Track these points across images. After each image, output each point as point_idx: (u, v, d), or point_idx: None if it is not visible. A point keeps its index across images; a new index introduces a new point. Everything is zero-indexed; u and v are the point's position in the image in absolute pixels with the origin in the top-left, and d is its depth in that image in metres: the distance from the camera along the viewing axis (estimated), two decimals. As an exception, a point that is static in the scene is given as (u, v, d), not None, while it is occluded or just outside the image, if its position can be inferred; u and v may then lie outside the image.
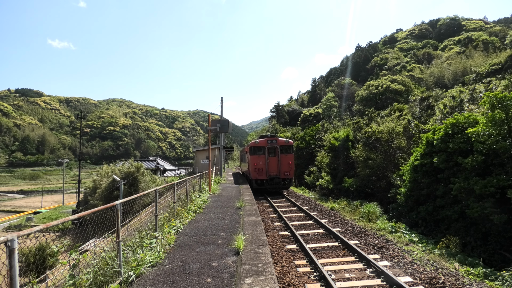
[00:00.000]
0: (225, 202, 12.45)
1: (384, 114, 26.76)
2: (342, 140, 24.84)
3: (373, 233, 10.10)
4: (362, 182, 19.96)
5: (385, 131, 19.26)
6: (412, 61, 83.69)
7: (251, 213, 9.56)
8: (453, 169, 11.95)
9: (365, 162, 19.77)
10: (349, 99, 72.50)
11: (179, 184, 10.94)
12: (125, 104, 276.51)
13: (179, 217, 8.48)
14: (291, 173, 20.91)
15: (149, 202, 16.60)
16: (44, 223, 3.23)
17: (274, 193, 21.64)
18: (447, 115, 16.68)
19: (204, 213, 9.86)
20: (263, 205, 16.40)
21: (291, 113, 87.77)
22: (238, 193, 15.85)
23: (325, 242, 9.15)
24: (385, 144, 19.15)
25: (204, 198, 12.35)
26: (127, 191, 23.51)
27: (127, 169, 26.53)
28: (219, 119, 17.56)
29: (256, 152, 20.89)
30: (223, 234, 7.04)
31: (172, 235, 6.78)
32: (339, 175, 23.44)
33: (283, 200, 18.22)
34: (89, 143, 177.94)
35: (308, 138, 36.37)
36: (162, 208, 9.10)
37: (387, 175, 18.21)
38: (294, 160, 33.97)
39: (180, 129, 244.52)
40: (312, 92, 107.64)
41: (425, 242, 9.97)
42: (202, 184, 15.73)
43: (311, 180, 28.92)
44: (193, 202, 10.97)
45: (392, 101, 44.02)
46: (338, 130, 31.96)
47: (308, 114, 71.76)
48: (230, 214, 9.57)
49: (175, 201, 8.89)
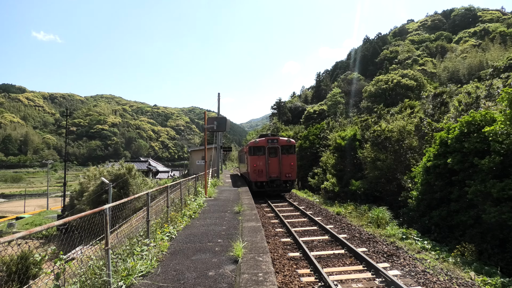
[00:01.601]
0: (223, 206, 12.44)
1: (394, 111, 26.75)
2: (348, 140, 24.84)
3: (383, 240, 10.10)
4: (371, 184, 19.96)
5: (395, 130, 19.26)
6: (424, 54, 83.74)
7: (251, 218, 9.55)
8: (469, 170, 11.95)
9: (374, 163, 19.77)
10: (356, 95, 72.52)
11: (172, 187, 10.92)
12: (114, 101, 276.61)
13: (173, 223, 8.47)
14: (293, 175, 20.95)
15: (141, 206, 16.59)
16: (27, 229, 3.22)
17: (275, 196, 21.65)
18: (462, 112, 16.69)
19: (200, 218, 9.85)
20: (264, 209, 16.40)
21: (293, 110, 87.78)
22: (237, 196, 15.84)
23: (331, 249, 9.15)
24: (395, 144, 19.15)
25: (200, 202, 12.35)
26: (116, 195, 23.48)
27: (116, 171, 26.52)
28: (216, 117, 17.55)
29: (256, 152, 20.93)
30: (221, 241, 7.03)
31: (165, 242, 6.77)
32: (346, 177, 23.44)
33: (285, 204, 18.22)
34: (76, 143, 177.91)
35: (312, 137, 36.38)
36: (155, 213, 9.09)
37: (397, 177, 18.21)
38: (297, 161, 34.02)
39: (173, 128, 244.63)
40: (317, 88, 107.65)
41: (438, 249, 9.97)
42: (197, 187, 15.72)
43: (315, 182, 28.91)
44: (188, 207, 10.96)
45: (403, 97, 44.03)
46: (345, 128, 31.96)
47: (312, 111, 71.79)
48: (228, 219, 9.57)
49: (169, 205, 8.88)
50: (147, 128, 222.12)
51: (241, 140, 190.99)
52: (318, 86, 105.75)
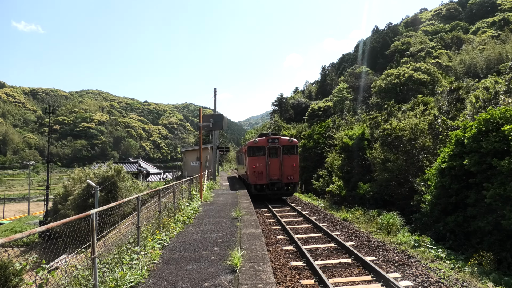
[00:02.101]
0: (219, 211, 12.45)
1: (406, 108, 26.77)
2: (356, 139, 24.86)
3: (393, 248, 10.11)
4: (380, 188, 19.98)
5: (407, 128, 19.27)
6: (438, 46, 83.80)
7: (250, 224, 9.56)
8: (487, 172, 11.96)
9: (384, 165, 19.79)
10: (365, 90, 72.55)
11: (165, 190, 10.93)
12: (101, 97, 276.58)
13: (165, 229, 8.48)
14: (295, 177, 21.06)
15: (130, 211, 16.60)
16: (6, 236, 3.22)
17: (276, 200, 21.72)
18: (480, 109, 16.70)
19: (195, 224, 9.86)
20: (264, 214, 16.42)
21: (296, 107, 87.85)
22: (235, 200, 15.85)
23: (337, 258, 9.16)
24: (407, 144, 19.17)
25: (194, 206, 12.36)
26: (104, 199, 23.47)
27: (104, 173, 26.53)
28: (212, 114, 17.56)
29: (255, 152, 21.03)
30: (217, 249, 7.04)
31: (157, 250, 6.77)
32: (353, 180, 23.46)
33: (287, 208, 18.25)
34: (59, 142, 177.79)
35: (316, 136, 36.40)
36: (145, 218, 9.09)
37: (409, 180, 18.23)
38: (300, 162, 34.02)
39: (166, 126, 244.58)
40: (321, 82, 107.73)
41: (453, 258, 9.99)
42: (192, 190, 15.74)
43: (320, 185, 28.94)
44: (182, 212, 10.97)
45: (415, 93, 44.08)
46: (352, 127, 31.97)
47: (317, 108, 71.84)
48: (225, 226, 9.58)
49: (161, 210, 8.89)
50: (137, 126, 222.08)
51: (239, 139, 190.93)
52: (323, 81, 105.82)
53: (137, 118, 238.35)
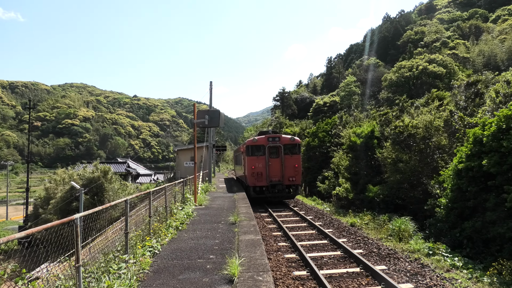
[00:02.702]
0: (215, 216, 12.46)
1: (419, 103, 26.78)
2: (365, 137, 24.87)
3: (405, 256, 10.13)
4: (391, 190, 20.00)
5: (421, 126, 19.28)
6: (455, 35, 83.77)
7: (249, 230, 9.57)
8: (508, 174, 11.97)
9: (395, 165, 19.80)
10: (374, 84, 72.57)
11: (156, 193, 10.93)
12: (86, 91, 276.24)
13: (156, 235, 8.49)
14: (297, 178, 21.24)
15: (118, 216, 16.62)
16: (-18, 243, 3.22)
17: (277, 203, 21.82)
18: (501, 105, 16.70)
19: (189, 230, 9.87)
20: (264, 219, 16.44)
21: (300, 102, 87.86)
22: (232, 204, 15.86)
23: (344, 267, 9.17)
24: (420, 142, 19.18)
25: (188, 211, 12.37)
26: (89, 202, 23.51)
27: (89, 174, 26.54)
28: (207, 110, 17.54)
29: (254, 152, 21.20)
30: (213, 257, 7.05)
31: (147, 258, 6.78)
32: (362, 182, 23.48)
33: (289, 213, 18.28)
34: (41, 141, 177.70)
35: (321, 134, 36.41)
36: (135, 223, 9.09)
37: (423, 182, 18.24)
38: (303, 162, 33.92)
39: (157, 123, 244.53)
40: (327, 76, 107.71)
41: (471, 267, 10.01)
42: (185, 193, 15.75)
43: (326, 188, 28.96)
44: (174, 216, 10.98)
45: (430, 87, 44.09)
46: (361, 124, 31.97)
47: (322, 103, 71.86)
48: (222, 232, 9.59)
49: (151, 214, 8.89)
50: (125, 123, 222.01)
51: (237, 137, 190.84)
52: (329, 74, 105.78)
53: (125, 114, 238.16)
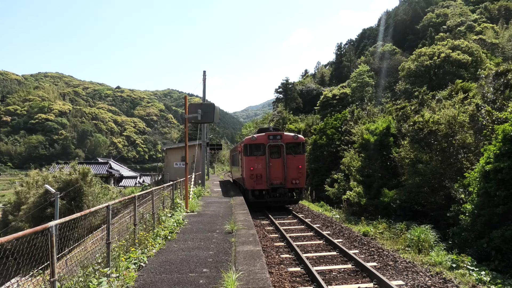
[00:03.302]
0: (210, 224, 12.46)
1: (441, 96, 26.75)
2: (380, 134, 24.85)
3: (425, 270, 10.14)
4: (409, 195, 19.99)
5: (443, 121, 19.26)
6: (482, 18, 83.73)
7: (247, 240, 9.57)
8: (542, 176, 11.96)
9: (414, 167, 19.78)
10: (390, 74, 72.51)
11: (142, 197, 10.91)
12: (62, 81, 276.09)
13: (142, 246, 8.48)
14: (301, 181, 21.38)
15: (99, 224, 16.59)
16: None
17: (278, 209, 21.88)
18: (534, 97, 16.70)
19: (179, 240, 9.86)
20: (265, 228, 16.45)
21: (305, 95, 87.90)
22: (228, 210, 15.86)
23: (355, 282, 9.18)
24: (442, 140, 19.16)
25: (178, 218, 12.37)
26: (66, 208, 23.47)
27: (66, 176, 26.51)
28: (200, 103, 17.54)
29: (253, 151, 21.33)
30: (207, 271, 7.05)
31: (132, 272, 6.77)
32: (376, 185, 23.47)
33: (294, 220, 18.29)
34: (10, 138, 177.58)
35: (330, 131, 36.40)
36: (117, 232, 9.08)
37: (445, 185, 18.23)
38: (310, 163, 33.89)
39: (143, 118, 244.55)
40: (337, 64, 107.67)
41: (500, 282, 10.01)
42: (175, 197, 15.74)
43: (335, 192, 28.95)
44: (163, 224, 10.97)
45: (453, 77, 44.07)
46: (375, 119, 31.95)
47: (331, 96, 71.86)
48: (217, 242, 9.59)
49: (137, 222, 8.88)
50: (107, 118, 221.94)
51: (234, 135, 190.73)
52: (339, 62, 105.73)
53: (107, 108, 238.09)
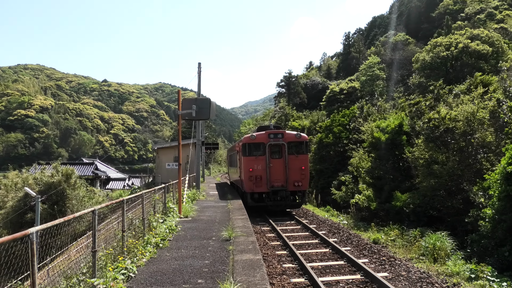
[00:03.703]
0: (205, 230, 12.46)
1: (459, 90, 26.73)
2: (391, 132, 24.85)
3: (441, 281, 10.14)
4: (424, 199, 19.99)
5: (461, 118, 19.25)
6: (504, 5, 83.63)
7: (246, 248, 9.57)
8: None
9: (429, 168, 19.78)
10: (403, 66, 72.51)
11: (131, 201, 10.90)
12: (44, 74, 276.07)
13: (132, 255, 8.48)
14: (304, 183, 21.53)
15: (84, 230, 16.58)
16: None
17: (280, 214, 21.95)
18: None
19: (172, 248, 9.86)
20: (266, 235, 16.45)
21: (310, 89, 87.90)
22: (225, 215, 15.87)
23: (365, 294, 9.18)
24: (460, 139, 19.15)
25: (171, 224, 12.36)
26: (48, 213, 23.46)
27: (48, 178, 26.47)
28: (195, 98, 17.53)
29: (252, 151, 21.46)
30: (202, 282, 7.04)
31: (120, 283, 6.76)
32: (387, 188, 23.47)
33: (297, 227, 18.31)
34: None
35: (337, 128, 36.42)
36: (104, 240, 9.08)
37: (463, 188, 18.22)
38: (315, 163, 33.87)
39: (132, 114, 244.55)
40: (344, 56, 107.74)
41: (523, 294, 10.02)
42: (168, 202, 15.73)
43: (342, 195, 28.97)
44: (154, 231, 10.97)
45: (472, 69, 44.04)
46: (386, 116, 31.95)
47: (338, 90, 71.87)
48: (213, 250, 9.59)
49: (125, 228, 8.87)
50: (92, 114, 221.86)
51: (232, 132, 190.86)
52: (347, 53, 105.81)
53: (93, 103, 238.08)
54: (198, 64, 28.92)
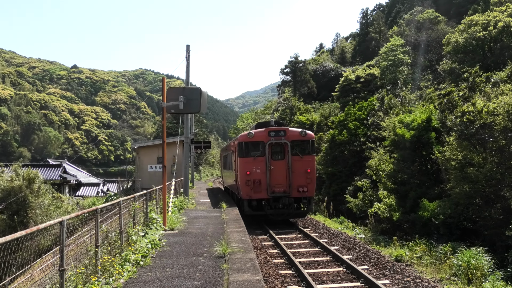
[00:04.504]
0: (195, 245, 12.47)
1: (498, 78, 26.69)
2: (418, 129, 24.81)
3: (477, 306, 10.14)
4: (456, 208, 19.97)
5: (501, 111, 19.22)
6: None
7: (244, 267, 9.56)
8: None
9: (462, 171, 19.75)
10: (431, 49, 72.37)
11: (106, 211, 10.88)
12: (1, 58, 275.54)
13: (107, 274, 8.47)
14: (310, 188, 21.75)
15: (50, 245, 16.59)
16: None
17: (282, 224, 22.10)
18: None
19: (155, 267, 9.85)
20: (267, 251, 16.44)
21: (320, 76, 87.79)
22: (219, 227, 15.87)
23: (385, 322, 9.18)
24: (500, 136, 19.12)
25: (154, 238, 12.34)
26: (6, 225, 23.45)
27: (7, 183, 26.43)
28: (183, 87, 17.44)
29: (250, 151, 21.70)
30: (191, 307, 7.03)
31: (93, 308, 6.76)
32: (412, 195, 23.45)
33: (304, 241, 18.31)
34: None
35: (353, 124, 36.37)
36: (74, 256, 9.07)
37: (503, 195, 18.20)
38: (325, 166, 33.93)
39: (108, 107, 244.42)
40: (362, 37, 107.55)
41: None
42: (150, 211, 15.70)
43: (359, 204, 28.93)
44: (134, 246, 10.95)
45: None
46: (411, 108, 31.92)
47: (354, 77, 71.76)
48: (204, 269, 9.58)
49: (99, 243, 8.86)
50: (60, 106, 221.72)
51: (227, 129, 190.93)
52: (364, 34, 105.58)
53: (60, 94, 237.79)
54: (186, 47, 28.95)
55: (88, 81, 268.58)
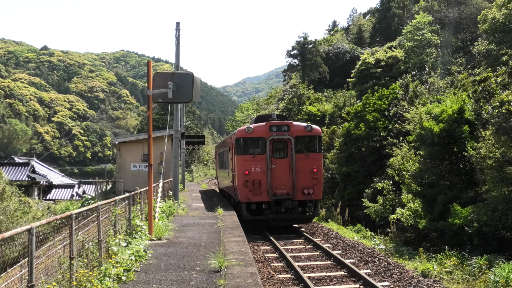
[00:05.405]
0: (186, 257, 12.49)
1: (543, 62, 26.64)
2: (448, 121, 24.79)
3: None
4: (494, 214, 19.96)
5: (546, 102, 19.24)
6: None
7: (244, 283, 9.58)
8: None
9: (501, 171, 19.75)
10: (464, 28, 72.21)
11: (82, 217, 10.89)
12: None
13: (83, 292, 8.48)
14: (317, 190, 21.96)
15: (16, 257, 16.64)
16: None
17: (286, 231, 22.22)
18: None
19: (139, 283, 9.87)
20: (270, 264, 16.43)
21: (333, 59, 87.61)
22: (214, 236, 15.91)
23: None
24: (544, 131, 19.14)
25: (138, 249, 12.35)
26: (-35, 233, 23.53)
27: (-35, 184, 26.53)
28: (172, 72, 17.45)
29: (249, 148, 21.90)
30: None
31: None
32: (441, 200, 23.45)
33: (314, 253, 18.29)
34: None
35: (372, 115, 36.32)
36: (45, 270, 9.10)
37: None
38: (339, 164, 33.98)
39: (84, 95, 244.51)
40: (382, 13, 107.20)
41: None
42: (134, 217, 15.72)
43: (379, 209, 28.92)
44: (115, 258, 10.96)
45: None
46: (440, 97, 31.88)
47: (373, 61, 71.58)
48: (197, 286, 9.59)
49: (74, 255, 8.87)
50: (28, 95, 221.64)
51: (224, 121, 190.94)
52: (386, 10, 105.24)
53: (28, 80, 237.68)
54: (176, 25, 28.88)
55: (61, 65, 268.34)
